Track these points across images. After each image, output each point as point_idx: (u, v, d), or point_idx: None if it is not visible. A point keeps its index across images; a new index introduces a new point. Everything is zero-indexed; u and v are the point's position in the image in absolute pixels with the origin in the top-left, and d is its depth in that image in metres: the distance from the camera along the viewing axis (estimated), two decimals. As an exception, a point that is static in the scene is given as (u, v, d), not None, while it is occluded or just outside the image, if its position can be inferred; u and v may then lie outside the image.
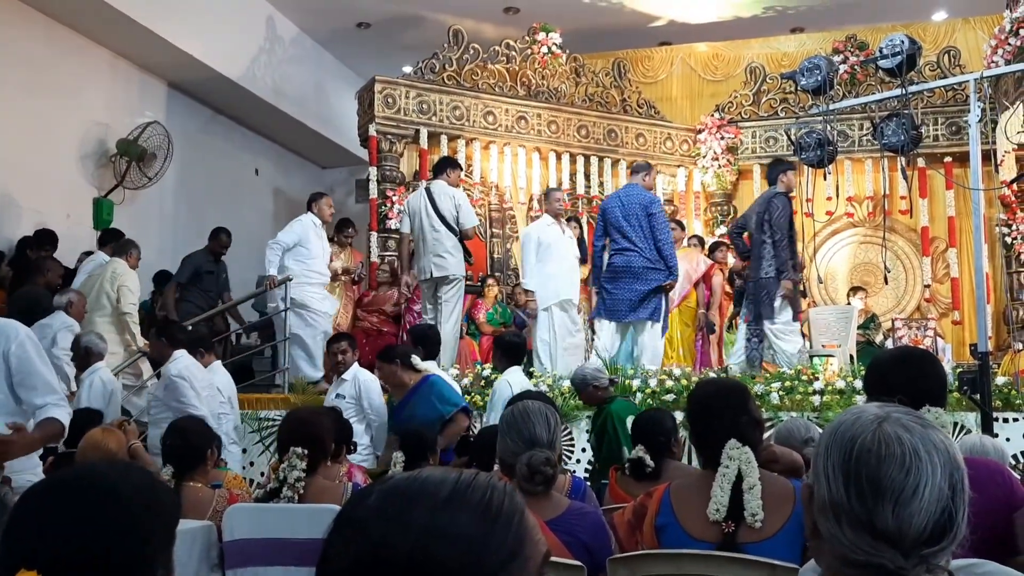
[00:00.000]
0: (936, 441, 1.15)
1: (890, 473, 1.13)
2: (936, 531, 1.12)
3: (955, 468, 1.14)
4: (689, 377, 6.25)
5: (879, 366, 2.36)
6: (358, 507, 0.90)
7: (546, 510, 2.49)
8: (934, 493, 1.12)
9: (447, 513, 0.88)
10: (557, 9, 10.64)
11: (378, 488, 0.92)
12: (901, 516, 1.12)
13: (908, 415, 1.19)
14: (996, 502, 1.99)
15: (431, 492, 0.90)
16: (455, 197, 7.16)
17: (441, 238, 7.08)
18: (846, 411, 1.26)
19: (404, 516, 0.87)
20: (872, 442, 1.16)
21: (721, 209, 10.63)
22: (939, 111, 9.87)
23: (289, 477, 3.28)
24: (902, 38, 5.19)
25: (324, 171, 13.47)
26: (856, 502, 1.15)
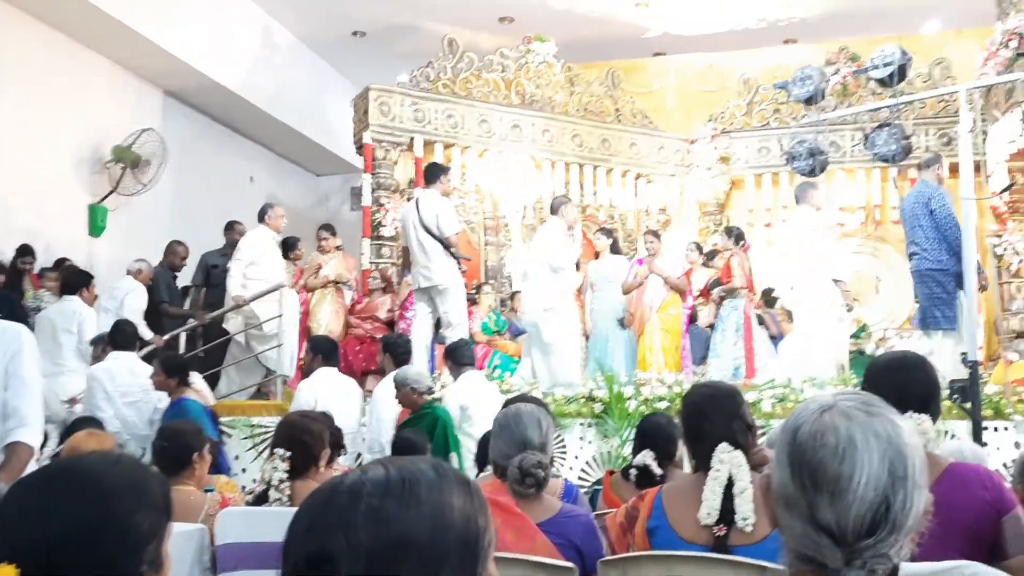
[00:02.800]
0: (878, 430, 1.11)
1: (826, 463, 1.10)
2: (875, 522, 1.08)
3: (898, 456, 1.10)
4: (681, 384, 6.27)
5: (872, 370, 2.37)
6: (359, 497, 0.92)
7: (538, 512, 2.51)
8: (871, 483, 1.08)
9: (444, 493, 0.92)
10: (551, 19, 10.70)
11: (368, 479, 0.94)
12: (838, 508, 1.09)
13: (855, 403, 1.15)
14: (984, 506, 2.00)
15: (423, 474, 0.94)
16: (435, 206, 7.15)
17: (426, 248, 7.09)
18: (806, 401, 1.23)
19: (414, 500, 0.92)
20: (811, 431, 1.13)
21: (714, 218, 10.67)
22: (930, 122, 9.93)
23: (272, 479, 3.30)
24: (893, 49, 5.25)
25: (319, 179, 13.49)
26: (799, 493, 1.12)
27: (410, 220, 7.19)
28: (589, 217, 10.22)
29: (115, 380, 5.62)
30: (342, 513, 0.91)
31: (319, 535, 0.91)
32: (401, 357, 5.82)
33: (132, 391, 5.49)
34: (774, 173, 10.38)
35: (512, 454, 2.55)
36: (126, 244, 8.76)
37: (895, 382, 2.21)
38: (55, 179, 8.72)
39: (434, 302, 7.17)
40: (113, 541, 1.13)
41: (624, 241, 10.31)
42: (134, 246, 8.60)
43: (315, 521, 0.93)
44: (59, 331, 6.57)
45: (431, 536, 0.91)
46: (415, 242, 7.12)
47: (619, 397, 6.17)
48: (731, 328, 7.97)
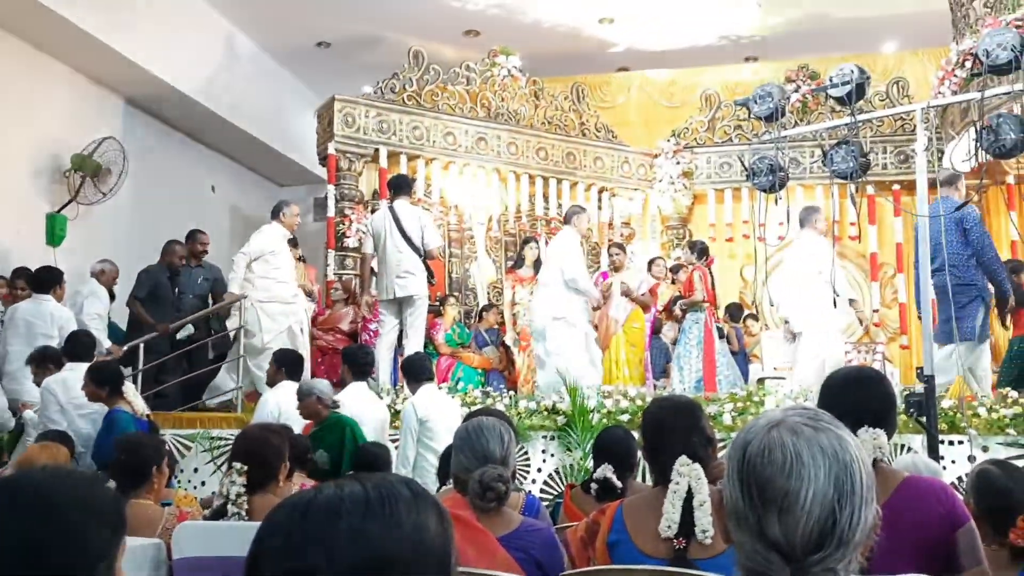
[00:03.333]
0: (824, 445, 1.12)
1: (773, 479, 1.11)
2: (823, 537, 1.09)
3: (843, 471, 1.10)
4: (644, 397, 6.30)
5: (828, 386, 2.41)
6: (338, 515, 0.91)
7: (498, 526, 2.51)
8: (817, 498, 1.09)
9: (421, 513, 0.93)
10: (517, 33, 10.76)
11: (346, 496, 0.93)
12: (786, 523, 1.09)
13: (803, 419, 1.16)
14: (939, 519, 2.02)
15: (400, 494, 0.94)
16: (421, 218, 7.21)
17: (404, 258, 7.07)
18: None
19: (395, 520, 0.92)
20: (759, 447, 1.14)
21: (677, 232, 10.77)
22: (888, 140, 10.12)
23: (230, 493, 3.26)
24: (852, 68, 5.33)
25: (282, 189, 13.40)
26: (748, 509, 1.12)
27: (385, 229, 7.14)
28: (553, 230, 10.26)
29: (69, 392, 5.52)
30: (323, 530, 0.90)
31: (298, 551, 0.89)
32: (361, 368, 5.76)
33: (86, 403, 5.39)
34: (735, 188, 10.50)
35: (473, 468, 2.55)
36: (85, 254, 8.62)
37: (850, 398, 2.24)
38: (12, 188, 8.58)
39: (402, 313, 7.15)
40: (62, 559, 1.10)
41: (589, 254, 10.38)
42: (94, 256, 8.46)
43: (293, 537, 0.90)
44: (37, 335, 6.51)
45: (412, 557, 0.91)
46: (392, 251, 7.08)
47: (583, 410, 6.19)
48: (693, 342, 8.05)
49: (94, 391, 5.17)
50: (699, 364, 7.98)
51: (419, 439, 5.36)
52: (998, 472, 2.60)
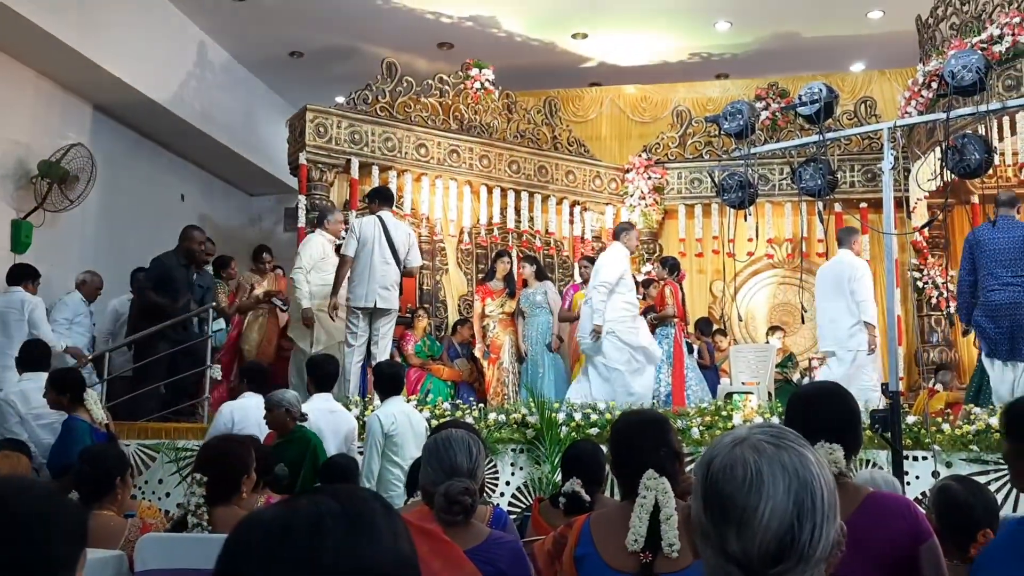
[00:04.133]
0: (785, 462, 1.14)
1: (734, 495, 1.13)
2: (781, 551, 1.10)
3: (803, 488, 1.12)
4: (613, 410, 6.32)
5: (792, 402, 2.42)
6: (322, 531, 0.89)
7: (466, 539, 2.49)
8: (776, 513, 1.10)
9: (395, 526, 0.93)
10: (490, 46, 10.80)
11: (326, 512, 0.91)
12: (744, 538, 1.11)
13: (766, 436, 1.18)
14: (902, 535, 2.03)
15: (375, 508, 0.94)
16: (410, 235, 7.27)
17: (389, 270, 7.06)
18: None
19: (376, 534, 0.91)
20: (722, 464, 1.16)
21: (647, 247, 10.82)
22: (856, 158, 10.25)
23: (190, 504, 3.23)
24: (820, 86, 5.40)
25: (252, 199, 13.32)
26: (711, 525, 1.15)
27: (374, 239, 7.09)
28: (525, 243, 10.29)
29: (29, 403, 5.44)
30: (308, 549, 0.87)
31: (285, 569, 0.87)
32: (323, 379, 5.67)
33: (46, 413, 5.31)
34: (705, 204, 10.58)
35: (440, 481, 2.54)
36: (52, 261, 8.51)
37: (811, 412, 2.26)
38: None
39: (373, 323, 7.12)
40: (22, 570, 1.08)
41: (560, 268, 10.41)
42: (60, 263, 8.38)
43: (275, 553, 0.88)
44: (11, 324, 6.55)
45: (394, 570, 0.90)
46: (379, 262, 7.04)
47: (551, 423, 6.19)
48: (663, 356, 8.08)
49: (56, 398, 5.10)
50: (668, 378, 8.02)
51: (384, 452, 5.33)
52: (959, 488, 2.63)
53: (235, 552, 0.90)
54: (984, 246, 6.35)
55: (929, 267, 9.68)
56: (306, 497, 0.94)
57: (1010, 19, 7.38)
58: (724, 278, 9.92)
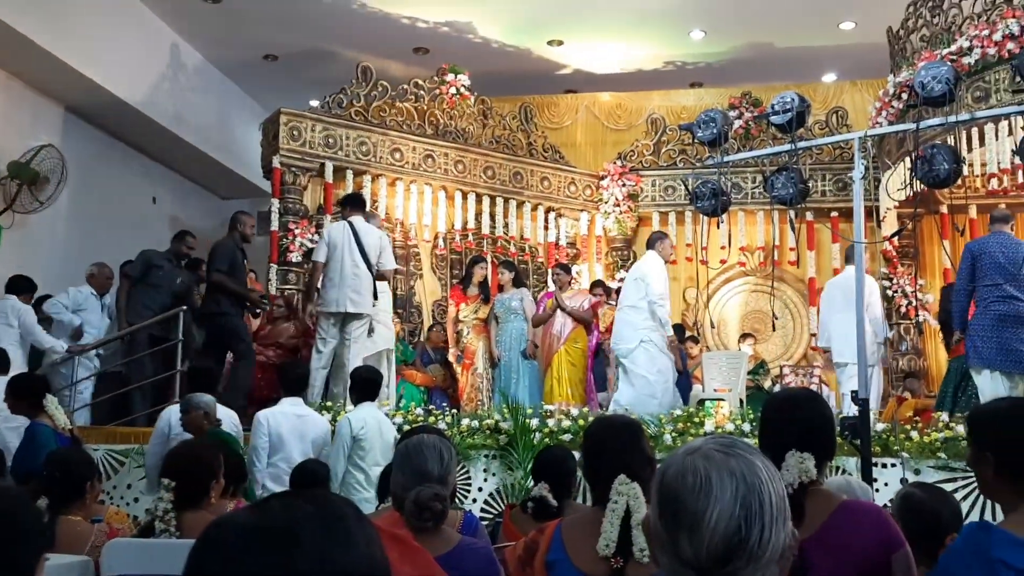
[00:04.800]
0: (733, 468, 1.21)
1: (685, 502, 1.20)
2: (730, 552, 1.16)
3: (751, 493, 1.19)
4: (586, 416, 6.32)
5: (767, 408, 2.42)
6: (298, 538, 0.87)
7: (437, 545, 2.48)
8: (723, 516, 1.17)
9: (366, 530, 0.93)
10: (466, 52, 10.80)
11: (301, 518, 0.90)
12: (695, 540, 1.17)
13: (717, 445, 1.25)
14: (875, 544, 2.04)
15: (347, 512, 0.93)
16: (382, 239, 7.25)
17: (360, 274, 7.05)
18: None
19: (351, 539, 0.90)
20: (675, 472, 1.23)
21: (621, 254, 10.86)
22: (827, 168, 10.35)
23: (157, 509, 3.20)
24: (793, 96, 5.44)
25: (224, 202, 13.22)
26: (665, 530, 1.21)
27: (344, 243, 7.09)
28: (499, 249, 10.29)
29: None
30: (284, 556, 0.86)
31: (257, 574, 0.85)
32: (292, 383, 5.66)
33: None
34: (679, 211, 10.64)
35: (411, 486, 2.52)
36: (21, 263, 8.39)
37: (784, 418, 2.27)
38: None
39: (344, 329, 7.09)
40: None
41: (535, 274, 10.42)
42: (29, 265, 8.26)
43: (247, 558, 0.86)
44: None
45: (366, 564, 0.90)
46: (349, 266, 7.04)
47: (524, 429, 6.18)
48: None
49: (14, 403, 5.04)
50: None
51: (350, 456, 5.30)
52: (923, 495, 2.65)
53: (205, 556, 0.88)
54: (986, 258, 6.41)
55: (899, 276, 9.79)
56: (278, 501, 0.93)
57: (979, 32, 7.48)
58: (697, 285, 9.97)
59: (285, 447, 5.36)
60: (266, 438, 5.37)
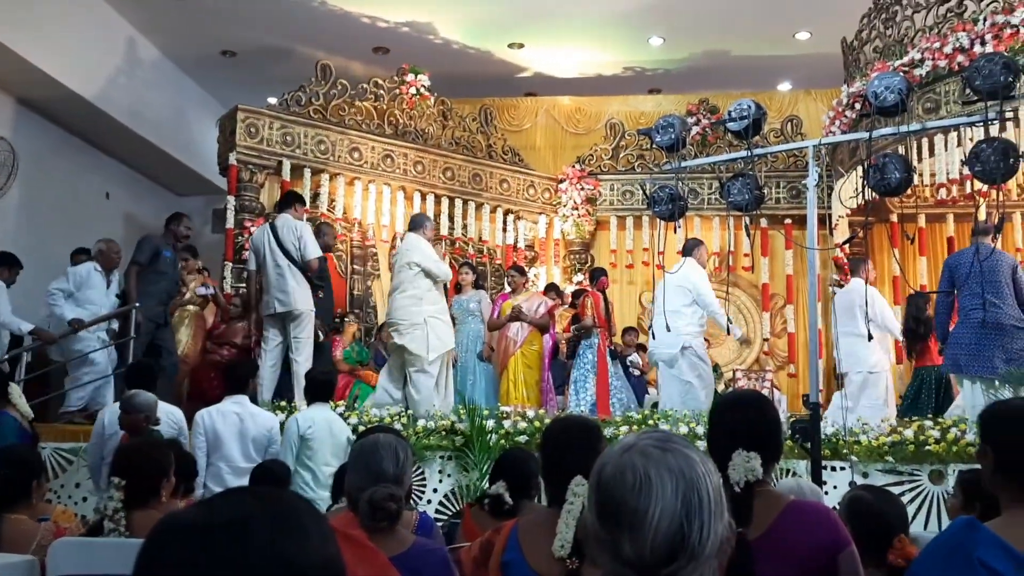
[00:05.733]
0: (671, 464, 1.17)
1: (626, 500, 1.16)
2: (672, 551, 1.13)
3: (690, 489, 1.16)
4: (543, 418, 6.34)
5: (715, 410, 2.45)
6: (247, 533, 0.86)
7: (391, 546, 2.47)
8: (666, 514, 1.14)
9: (322, 526, 0.91)
10: (426, 53, 10.78)
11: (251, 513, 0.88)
12: (636, 540, 1.14)
13: (653, 441, 1.22)
14: (821, 543, 2.06)
15: (300, 507, 0.92)
16: (297, 229, 7.09)
17: (284, 272, 6.98)
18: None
19: (304, 534, 0.88)
20: (612, 471, 1.19)
21: (579, 257, 10.92)
22: (781, 175, 10.50)
23: (107, 509, 3.16)
24: (749, 103, 5.52)
25: (180, 198, 13.04)
26: (603, 530, 1.18)
27: (264, 244, 7.07)
28: (457, 251, 10.28)
29: None
30: (233, 551, 0.84)
31: (208, 570, 0.84)
32: (235, 382, 5.60)
33: None
34: (636, 216, 10.73)
35: (366, 486, 2.51)
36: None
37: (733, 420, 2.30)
38: None
39: (286, 328, 7.05)
40: None
41: (492, 276, 10.43)
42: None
43: (197, 555, 0.84)
44: None
45: (323, 572, 0.88)
46: (271, 267, 7.01)
47: (481, 430, 6.19)
48: (588, 366, 8.15)
49: None
50: (593, 387, 8.08)
51: (298, 455, 5.26)
52: (870, 497, 2.70)
53: (152, 555, 0.86)
54: (964, 268, 6.57)
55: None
56: (226, 498, 0.92)
57: (931, 44, 7.64)
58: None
59: (223, 447, 5.30)
60: (203, 438, 5.31)
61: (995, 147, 4.76)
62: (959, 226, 10.15)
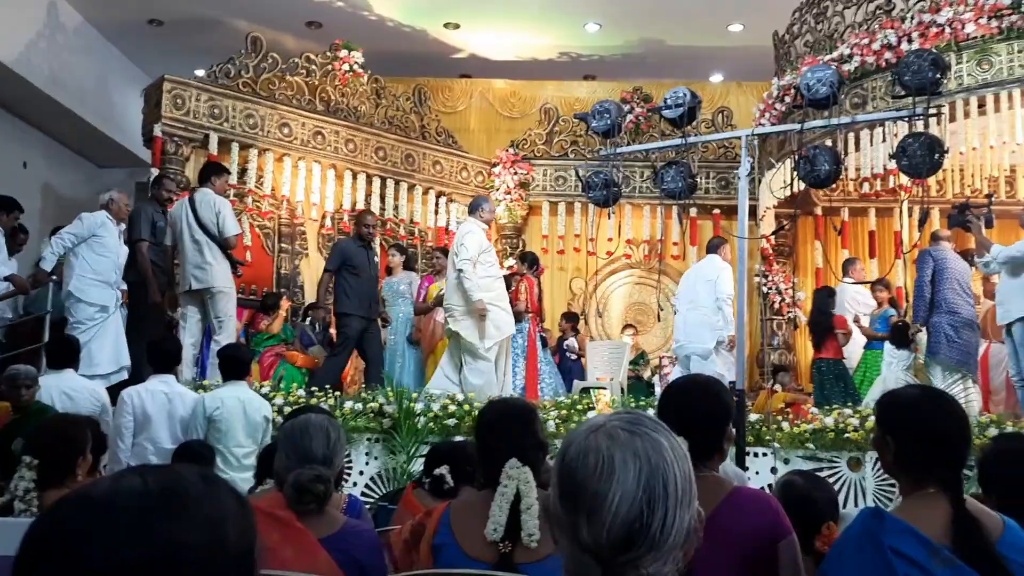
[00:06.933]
0: (638, 448, 1.13)
1: (586, 483, 1.12)
2: (630, 538, 1.09)
3: (654, 475, 1.11)
4: (471, 402, 6.33)
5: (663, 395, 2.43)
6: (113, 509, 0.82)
7: (320, 527, 2.43)
8: (625, 500, 1.10)
9: (216, 503, 0.86)
10: (361, 29, 10.61)
11: (123, 489, 0.84)
12: (594, 525, 1.10)
13: (621, 423, 1.17)
14: (761, 531, 2.07)
15: (188, 481, 0.86)
16: (215, 204, 6.90)
17: (202, 248, 6.81)
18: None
19: (183, 511, 0.83)
20: (576, 452, 1.15)
21: (511, 242, 10.91)
22: (711, 166, 10.64)
23: (17, 489, 3.04)
24: (684, 91, 5.57)
25: (101, 170, 12.63)
26: (565, 513, 1.14)
27: (182, 219, 6.88)
28: (389, 232, 10.17)
29: None
30: (98, 527, 0.81)
31: (69, 552, 0.80)
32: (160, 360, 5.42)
33: None
34: (569, 202, 10.76)
35: (294, 467, 2.46)
36: None
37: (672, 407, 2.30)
38: None
39: (205, 306, 6.88)
40: None
41: (423, 259, 10.35)
42: None
43: (64, 536, 0.80)
44: None
45: (207, 551, 0.83)
46: (188, 242, 6.83)
47: (409, 413, 6.14)
48: (517, 350, 8.16)
49: None
50: (523, 372, 8.11)
51: (207, 436, 5.13)
52: (802, 482, 2.74)
53: (29, 534, 0.83)
54: (948, 264, 7.11)
55: (774, 273, 10.16)
56: (115, 474, 0.88)
57: (859, 40, 7.81)
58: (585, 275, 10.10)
59: (152, 426, 5.15)
60: (130, 417, 5.14)
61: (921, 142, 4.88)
62: (880, 220, 10.43)
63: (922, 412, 1.97)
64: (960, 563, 1.77)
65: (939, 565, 1.77)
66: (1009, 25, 7.06)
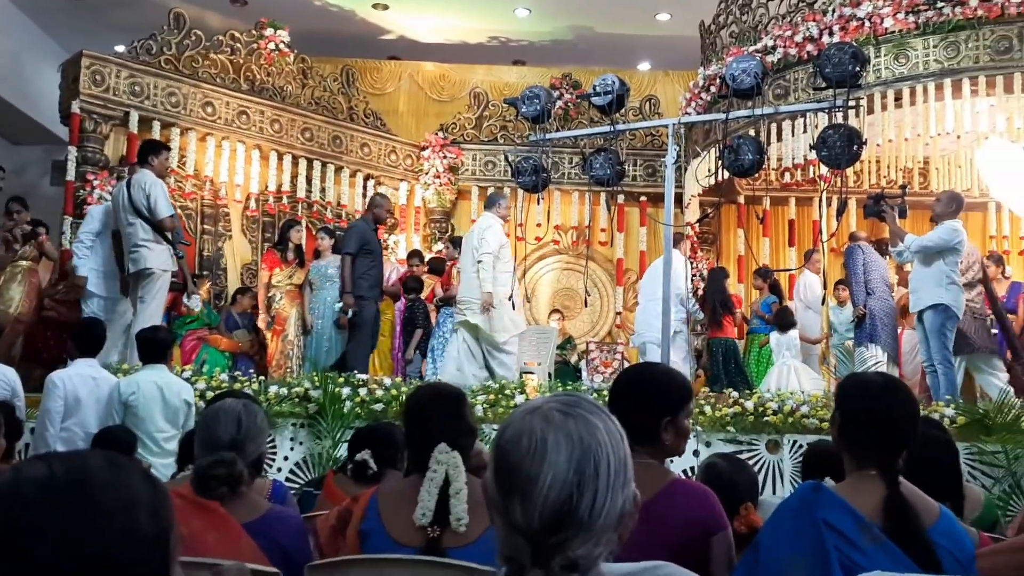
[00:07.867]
0: (571, 430, 1.14)
1: (520, 465, 1.12)
2: (559, 520, 1.10)
3: (585, 457, 1.12)
4: (399, 386, 6.30)
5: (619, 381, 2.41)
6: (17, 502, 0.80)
7: (243, 512, 2.39)
8: (556, 482, 1.10)
9: (125, 487, 0.85)
10: (287, 7, 10.43)
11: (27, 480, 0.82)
12: (526, 507, 1.11)
13: (559, 405, 1.18)
14: (697, 522, 2.10)
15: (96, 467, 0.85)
16: (147, 186, 6.69)
17: (137, 231, 6.65)
18: None
19: (89, 500, 0.82)
20: (511, 435, 1.16)
21: (440, 226, 10.88)
22: (638, 153, 10.76)
23: None
24: (613, 79, 5.61)
25: (16, 147, 12.20)
26: (499, 495, 1.14)
27: (119, 203, 6.72)
28: (315, 215, 10.05)
29: None
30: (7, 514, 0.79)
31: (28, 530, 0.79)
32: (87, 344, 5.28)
33: None
34: (498, 187, 10.76)
35: (202, 455, 2.42)
36: None
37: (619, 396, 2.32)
38: None
39: (137, 288, 6.72)
40: None
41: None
42: None
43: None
44: None
45: (116, 538, 0.82)
46: (124, 224, 6.68)
47: (335, 398, 6.09)
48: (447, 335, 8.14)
49: None
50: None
51: (124, 421, 5.01)
52: (724, 464, 2.80)
53: None
54: (874, 257, 7.84)
55: (698, 260, 10.33)
56: (17, 463, 0.86)
57: (783, 32, 7.96)
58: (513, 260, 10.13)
59: (81, 410, 5.02)
60: (61, 401, 5.00)
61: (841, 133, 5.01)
62: (800, 209, 10.69)
63: (875, 399, 2.03)
64: (887, 541, 1.84)
65: (868, 541, 1.84)
66: (925, 21, 7.27)
